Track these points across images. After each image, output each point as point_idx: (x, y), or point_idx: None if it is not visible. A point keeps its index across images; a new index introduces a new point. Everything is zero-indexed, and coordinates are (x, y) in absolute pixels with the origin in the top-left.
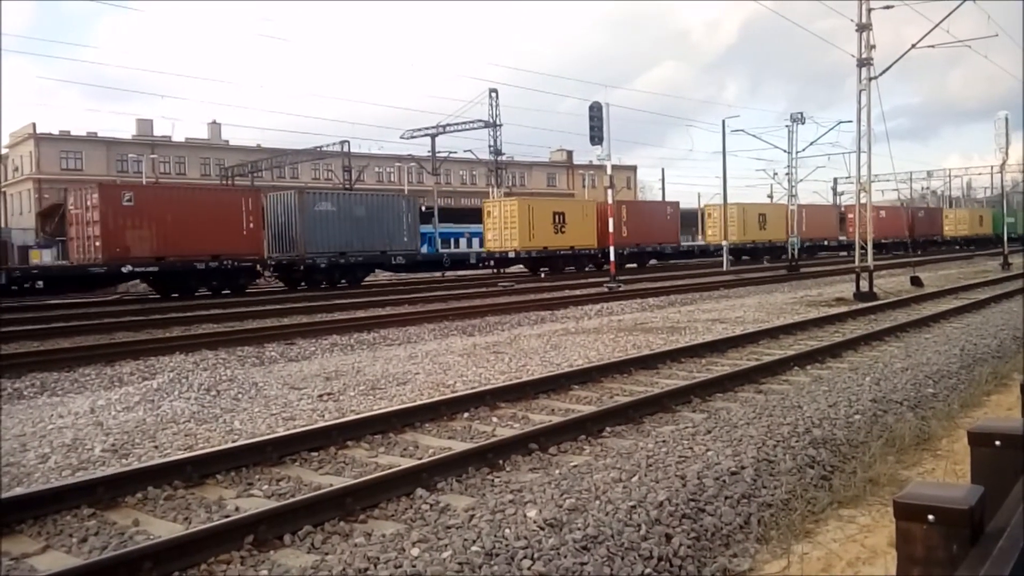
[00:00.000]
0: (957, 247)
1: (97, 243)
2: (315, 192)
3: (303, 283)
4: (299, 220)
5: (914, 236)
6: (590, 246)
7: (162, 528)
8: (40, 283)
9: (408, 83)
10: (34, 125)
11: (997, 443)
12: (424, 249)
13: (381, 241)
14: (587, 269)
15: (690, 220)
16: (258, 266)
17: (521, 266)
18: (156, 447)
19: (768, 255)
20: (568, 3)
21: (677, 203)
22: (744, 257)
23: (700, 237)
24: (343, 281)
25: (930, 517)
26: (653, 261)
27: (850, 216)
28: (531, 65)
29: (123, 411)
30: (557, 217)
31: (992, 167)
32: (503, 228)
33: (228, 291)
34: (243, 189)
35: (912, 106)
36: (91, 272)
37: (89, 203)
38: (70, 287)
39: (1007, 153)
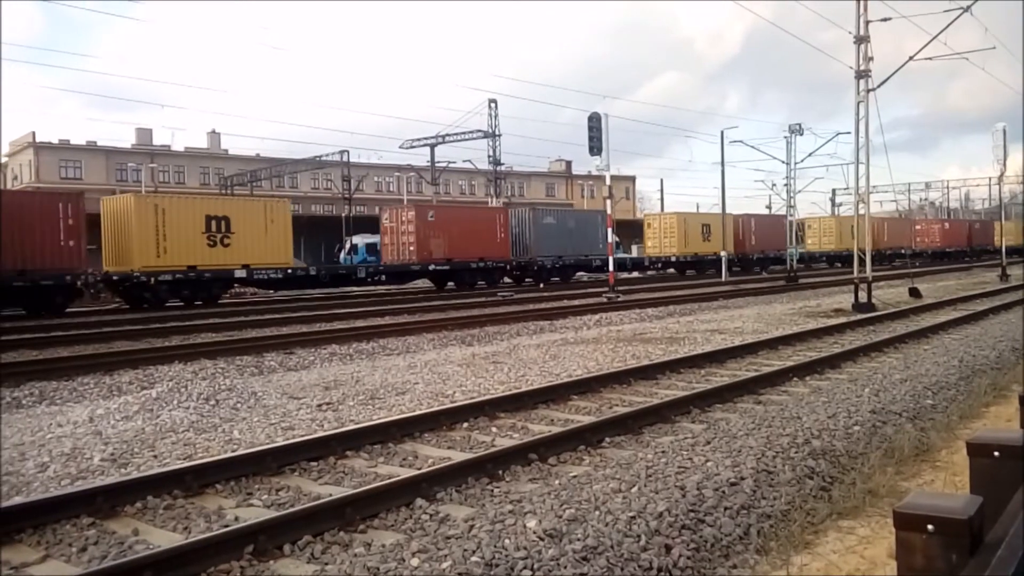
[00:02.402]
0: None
1: (411, 248)
2: (542, 208)
3: (529, 279)
4: (532, 230)
5: (972, 245)
6: (729, 252)
7: (162, 537)
8: (383, 276)
9: (408, 93)
10: (33, 134)
11: (996, 454)
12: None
13: (585, 247)
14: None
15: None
16: (507, 266)
17: (672, 268)
18: (155, 456)
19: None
20: (569, 14)
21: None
22: (836, 264)
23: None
24: (557, 278)
25: (930, 527)
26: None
27: (917, 227)
28: (531, 75)
29: (122, 420)
30: (704, 228)
31: (990, 178)
32: (662, 237)
33: (484, 284)
34: (498, 208)
35: (912, 118)
36: (411, 269)
37: (405, 219)
38: (398, 279)
39: (1005, 165)
